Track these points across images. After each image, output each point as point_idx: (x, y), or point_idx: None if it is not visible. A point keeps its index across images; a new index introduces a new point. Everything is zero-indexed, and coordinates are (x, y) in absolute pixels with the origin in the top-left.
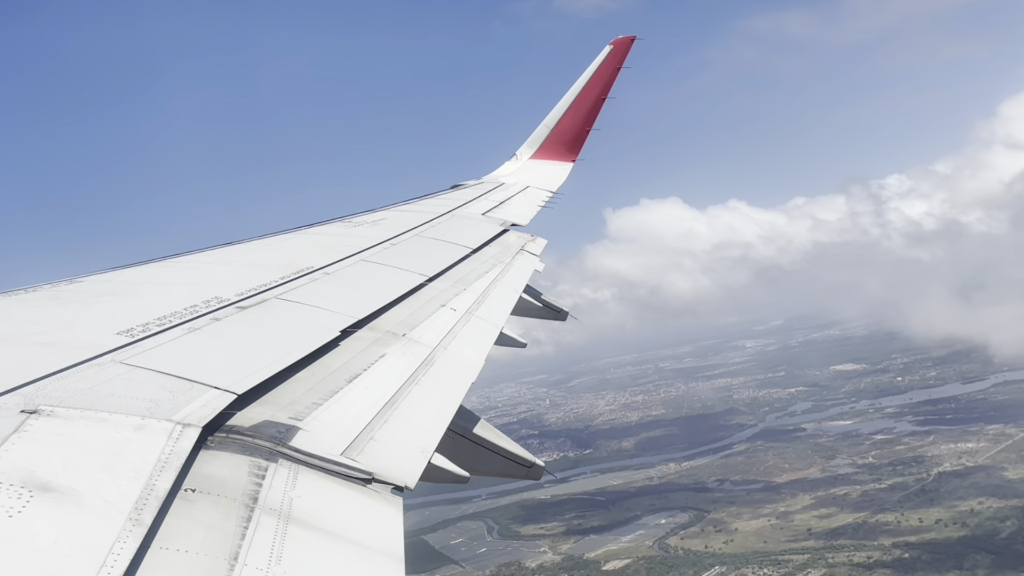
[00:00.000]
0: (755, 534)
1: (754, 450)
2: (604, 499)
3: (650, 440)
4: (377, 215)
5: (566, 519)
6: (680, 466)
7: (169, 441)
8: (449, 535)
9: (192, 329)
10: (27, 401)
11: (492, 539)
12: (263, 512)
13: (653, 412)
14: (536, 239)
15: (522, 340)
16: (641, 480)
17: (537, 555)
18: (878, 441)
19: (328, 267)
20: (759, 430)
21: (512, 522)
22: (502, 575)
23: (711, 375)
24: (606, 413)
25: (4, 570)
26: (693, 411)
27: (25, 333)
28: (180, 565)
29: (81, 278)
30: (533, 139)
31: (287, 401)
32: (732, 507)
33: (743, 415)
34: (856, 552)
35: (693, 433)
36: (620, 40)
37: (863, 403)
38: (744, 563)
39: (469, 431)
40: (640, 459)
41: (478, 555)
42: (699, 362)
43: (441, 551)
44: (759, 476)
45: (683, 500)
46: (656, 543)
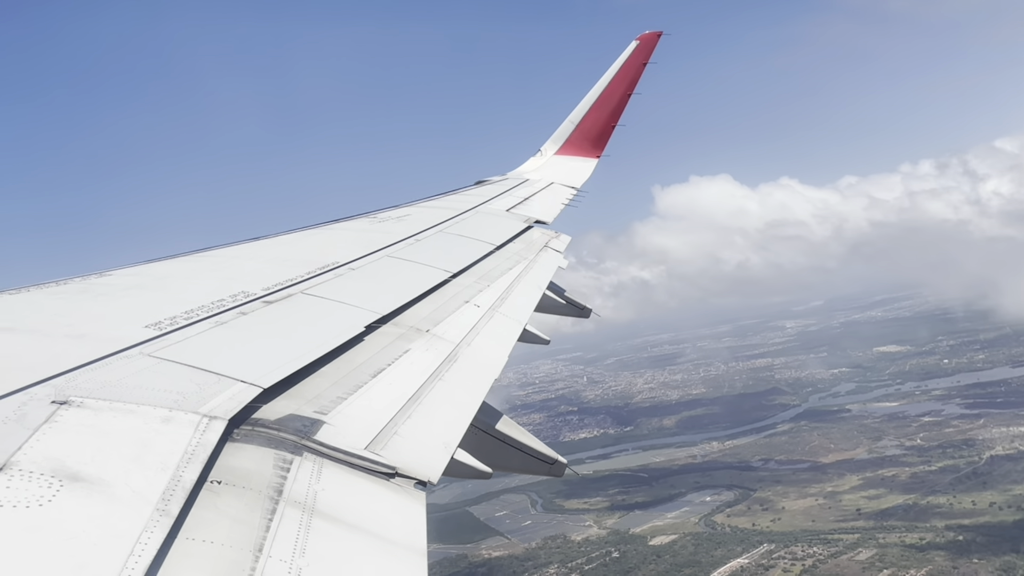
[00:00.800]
0: (803, 513)
1: (798, 430)
2: (647, 476)
3: (691, 418)
4: (402, 211)
5: (609, 495)
6: (723, 445)
7: (196, 433)
8: (493, 507)
9: (219, 323)
10: (58, 392)
11: (536, 512)
12: (288, 505)
13: (693, 391)
14: (560, 236)
15: (545, 337)
16: (684, 458)
17: (582, 529)
18: (926, 423)
19: (353, 262)
20: (802, 410)
21: (556, 496)
22: (548, 548)
23: (751, 355)
24: (645, 391)
25: (35, 557)
26: (734, 390)
27: (56, 325)
28: (206, 556)
29: (110, 271)
30: (558, 135)
31: (312, 395)
32: (778, 486)
33: (786, 395)
34: (908, 533)
35: (735, 412)
36: (646, 36)
37: (908, 385)
38: (793, 541)
39: (492, 427)
40: (682, 437)
41: (523, 527)
42: (738, 342)
43: (486, 523)
44: (804, 456)
45: (727, 478)
46: (702, 520)
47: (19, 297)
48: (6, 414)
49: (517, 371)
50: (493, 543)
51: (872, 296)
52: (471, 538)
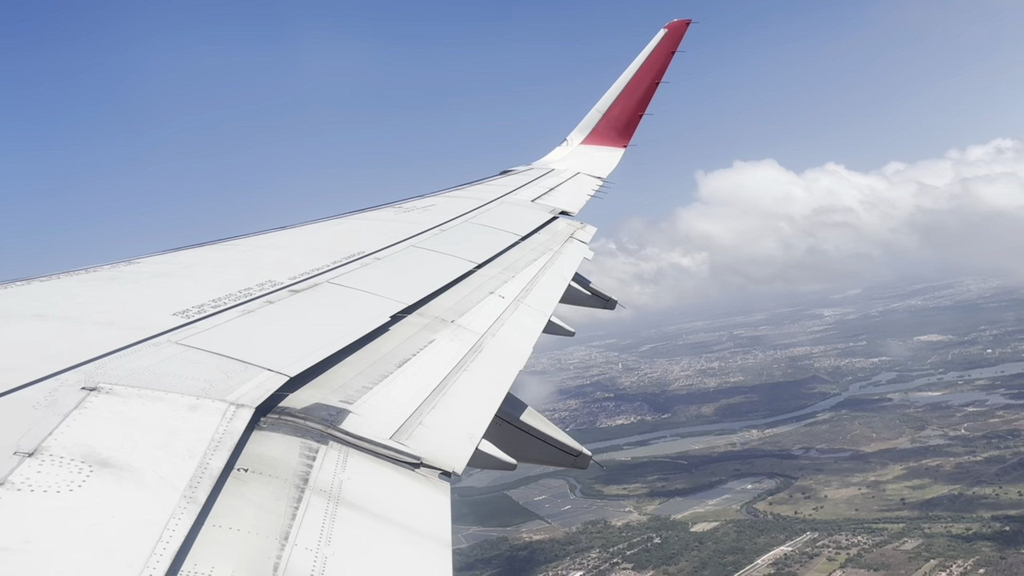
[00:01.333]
0: (846, 502)
1: (839, 419)
2: (686, 463)
3: (730, 406)
4: (427, 201)
5: (648, 481)
6: (763, 433)
7: (223, 421)
8: (532, 492)
9: (246, 312)
10: (87, 378)
11: (575, 497)
12: (313, 493)
13: (731, 379)
14: (586, 226)
15: (570, 328)
16: (723, 446)
17: (623, 515)
18: (970, 413)
19: (379, 252)
20: (843, 399)
21: (595, 481)
22: (589, 532)
23: (789, 343)
24: (682, 378)
25: (66, 542)
26: (773, 379)
27: (85, 312)
28: (232, 543)
29: (139, 259)
30: (584, 124)
31: (338, 384)
32: (820, 475)
33: (825, 384)
34: (954, 524)
35: (774, 400)
36: (675, 24)
37: (951, 375)
38: (837, 530)
39: (516, 418)
40: (720, 425)
41: (563, 512)
42: (775, 330)
43: (525, 506)
44: (846, 445)
45: (768, 466)
46: (743, 507)
47: (50, 284)
48: (37, 400)
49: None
50: (533, 527)
51: (911, 284)
52: (511, 521)
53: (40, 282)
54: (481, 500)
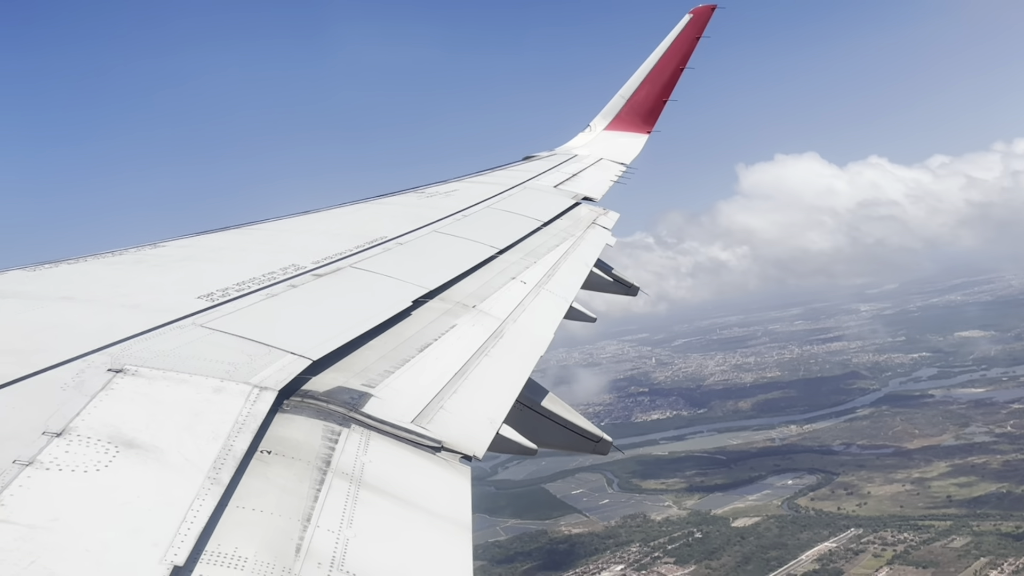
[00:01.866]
0: (890, 499)
1: (879, 415)
2: (725, 458)
3: (767, 402)
4: (449, 186)
5: (687, 476)
6: (801, 428)
7: (247, 403)
8: (569, 485)
9: (270, 295)
10: (113, 360)
11: (613, 491)
12: (335, 476)
13: (768, 374)
14: (608, 212)
15: (592, 314)
16: (761, 441)
17: (662, 509)
18: (1016, 410)
19: (401, 237)
20: (883, 395)
21: (632, 476)
22: (628, 526)
23: (826, 338)
24: (717, 373)
25: (93, 521)
26: (811, 374)
27: (112, 295)
28: (256, 524)
29: (164, 243)
30: (608, 110)
31: (360, 368)
32: (862, 471)
33: (865, 379)
34: (1003, 522)
35: (812, 396)
36: (700, 9)
37: (995, 371)
38: (881, 526)
39: (537, 404)
40: (758, 420)
41: (601, 506)
42: (811, 325)
43: (563, 500)
44: (888, 441)
45: (808, 462)
46: (784, 503)
47: (77, 267)
48: (65, 381)
49: (582, 351)
50: (572, 520)
51: (949, 280)
52: (549, 514)
53: (68, 265)
54: (519, 493)
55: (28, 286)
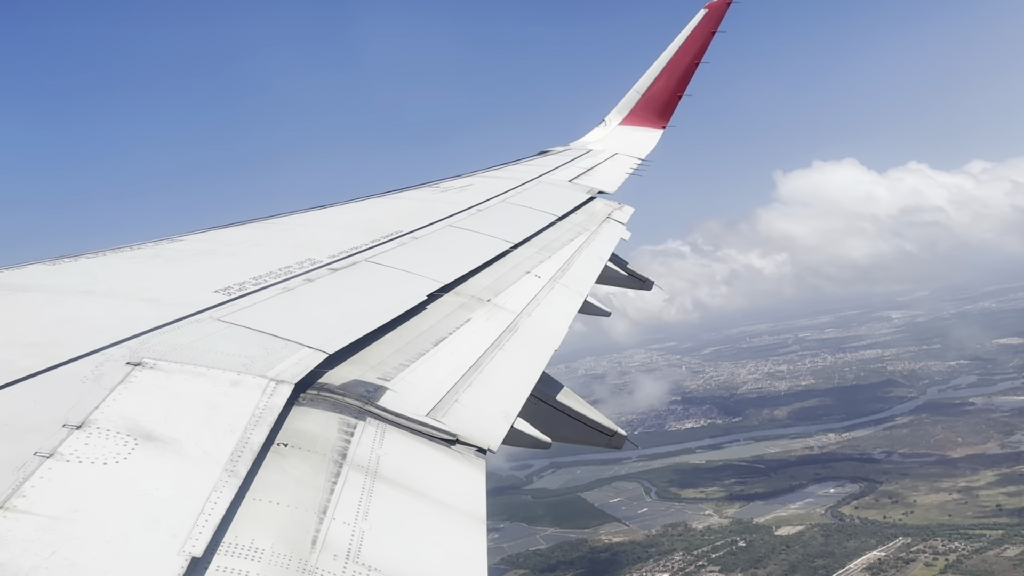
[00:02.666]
0: (937, 508)
1: (919, 423)
2: (763, 467)
3: (803, 410)
4: (464, 181)
5: (725, 484)
6: (840, 437)
7: (263, 397)
8: (606, 494)
9: (286, 289)
10: (132, 353)
11: (651, 500)
12: (351, 468)
13: (802, 382)
14: (623, 207)
15: (606, 309)
16: (800, 449)
17: (702, 518)
18: None
19: (416, 231)
20: (921, 403)
21: (670, 485)
22: (670, 535)
23: (858, 346)
24: (750, 381)
25: (112, 512)
26: (846, 382)
27: (130, 289)
28: (272, 516)
29: (182, 237)
30: (623, 105)
31: (375, 361)
32: (905, 479)
33: (902, 387)
34: None
35: (849, 404)
36: (715, 4)
37: None
38: (930, 535)
39: (552, 398)
40: (795, 428)
41: (640, 515)
42: (842, 332)
43: (601, 509)
44: (930, 449)
45: (849, 470)
46: (828, 511)
47: (96, 261)
48: (84, 374)
49: (611, 360)
50: (611, 529)
51: (983, 286)
52: (588, 523)
53: (87, 259)
54: (556, 502)
55: (48, 280)
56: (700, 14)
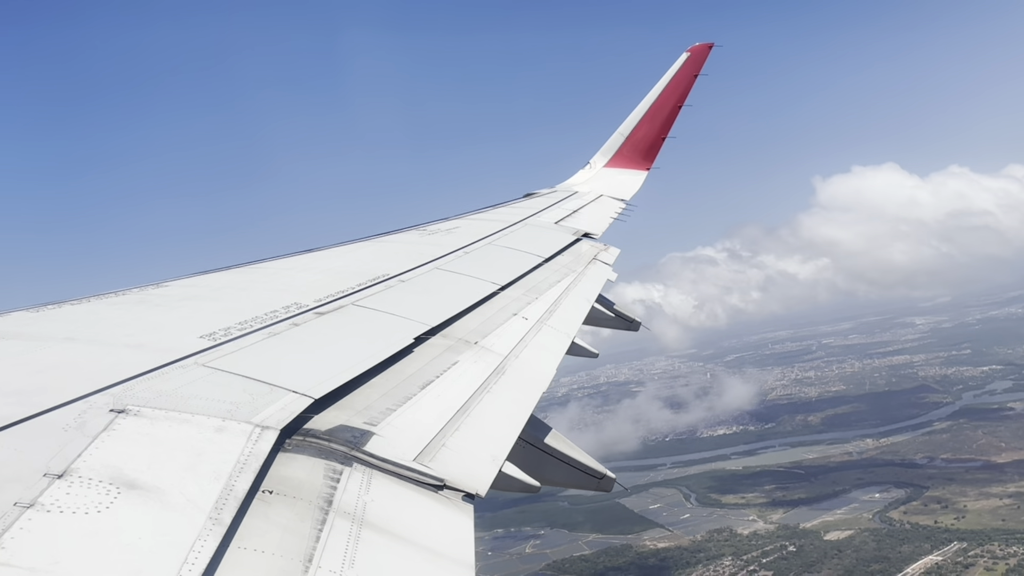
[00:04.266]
0: (990, 513)
1: (959, 428)
2: (803, 472)
3: (837, 416)
4: (451, 223)
5: (766, 490)
6: (878, 442)
7: (248, 443)
8: (645, 500)
9: (272, 334)
10: (116, 400)
11: (692, 506)
12: (337, 515)
13: (832, 388)
14: (609, 248)
15: (594, 350)
16: (838, 455)
17: (747, 523)
18: None
19: (403, 274)
20: (957, 408)
21: (709, 491)
22: (716, 540)
23: (885, 352)
24: (779, 388)
25: (93, 563)
26: (877, 388)
27: (114, 335)
28: (257, 565)
29: (167, 282)
30: (607, 147)
31: (362, 406)
32: (952, 485)
33: (936, 393)
34: None
35: (884, 410)
36: (697, 48)
37: None
38: (986, 540)
39: (540, 440)
40: (830, 434)
41: (683, 520)
42: (866, 339)
43: (642, 515)
44: (974, 455)
45: (893, 475)
46: (876, 516)
47: (80, 307)
48: (67, 422)
49: (632, 368)
50: (655, 534)
51: (1006, 292)
52: (630, 529)
53: (71, 305)
54: (594, 508)
55: (31, 327)
56: (683, 57)
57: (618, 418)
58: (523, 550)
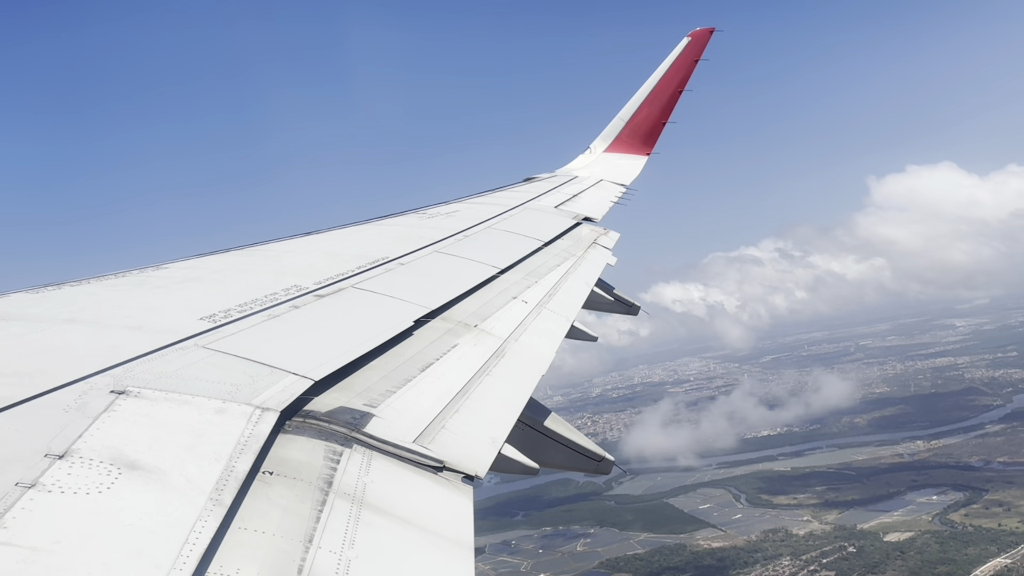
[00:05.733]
0: None
1: (1013, 431)
2: (854, 474)
3: (884, 417)
4: (451, 207)
5: (817, 491)
6: (929, 444)
7: (248, 424)
8: (694, 500)
9: (272, 316)
10: (116, 382)
11: (743, 506)
12: (337, 496)
13: (876, 390)
14: (609, 232)
15: (593, 334)
16: (889, 456)
17: (802, 524)
18: None
19: (403, 257)
20: (1009, 411)
21: (759, 491)
22: (771, 540)
23: (927, 354)
24: (822, 389)
25: (94, 543)
26: (923, 390)
27: (114, 317)
28: (258, 545)
29: (167, 264)
30: (608, 132)
31: (362, 388)
32: (1012, 488)
33: (985, 395)
34: None
35: (932, 412)
36: (698, 32)
37: None
38: None
39: (539, 423)
40: (879, 436)
41: (734, 520)
42: (905, 340)
43: (692, 515)
44: None
45: (948, 478)
46: (936, 519)
47: (80, 289)
48: (67, 403)
49: (665, 368)
50: (708, 534)
51: None
52: (682, 529)
53: (71, 287)
54: (643, 508)
55: (31, 309)
56: (683, 42)
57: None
58: (574, 548)
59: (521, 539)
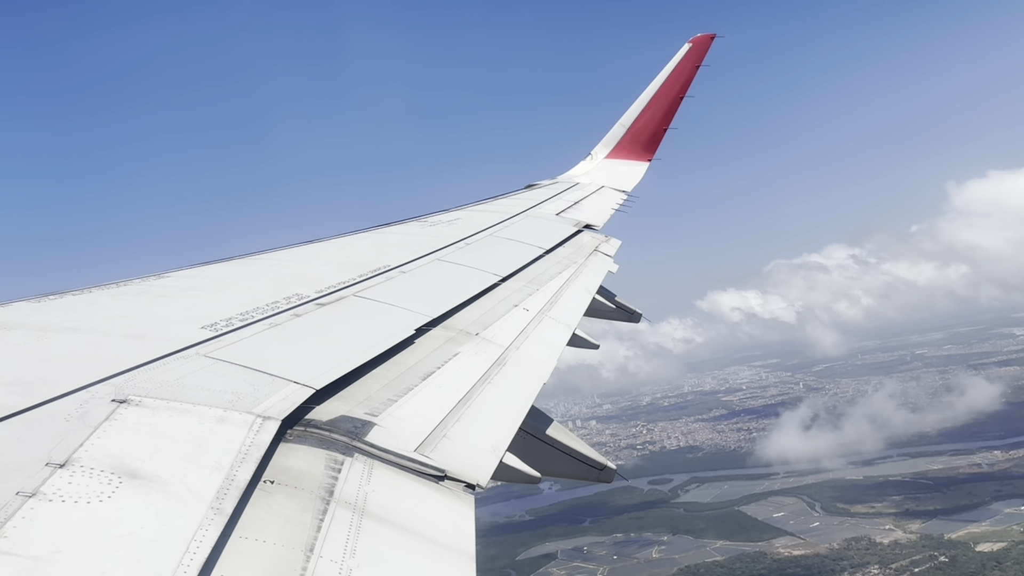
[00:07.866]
0: None
1: None
2: (931, 483)
3: (955, 427)
4: (452, 215)
5: (894, 500)
6: (1008, 454)
7: (250, 433)
8: (767, 508)
9: (273, 324)
10: (117, 391)
11: (819, 514)
12: (338, 505)
13: (941, 398)
14: (610, 240)
15: (595, 342)
16: (966, 466)
17: (884, 532)
18: None
19: (404, 266)
20: None
21: (834, 500)
22: (855, 549)
23: (989, 363)
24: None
25: (95, 552)
26: (993, 399)
27: (116, 325)
28: (259, 554)
29: (168, 273)
30: (609, 138)
31: (363, 397)
32: None
33: None
34: None
35: (1007, 421)
36: (699, 38)
37: None
38: None
39: (541, 431)
40: (952, 445)
41: (812, 529)
42: (964, 349)
43: (767, 523)
44: None
45: None
46: None
47: (81, 298)
48: (69, 412)
49: (715, 376)
50: (787, 542)
51: None
52: (759, 536)
53: (72, 296)
54: (715, 516)
55: (33, 318)
56: (684, 48)
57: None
58: (649, 555)
59: (593, 545)
